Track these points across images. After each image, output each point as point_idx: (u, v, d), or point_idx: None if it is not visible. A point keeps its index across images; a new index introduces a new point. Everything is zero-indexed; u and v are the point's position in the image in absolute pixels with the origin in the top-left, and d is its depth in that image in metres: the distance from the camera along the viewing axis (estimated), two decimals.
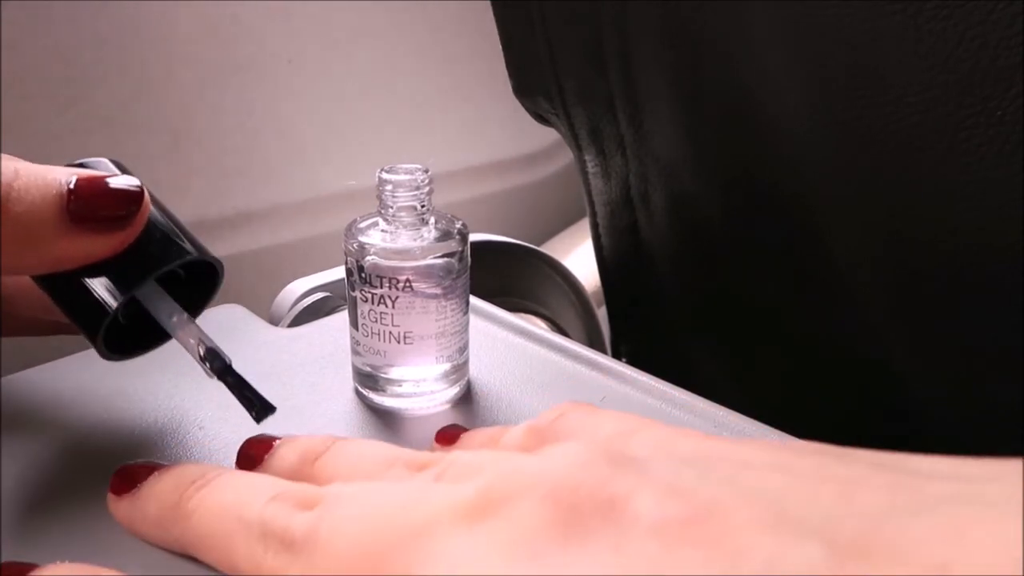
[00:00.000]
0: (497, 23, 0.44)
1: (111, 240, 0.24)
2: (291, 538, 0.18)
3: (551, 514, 0.15)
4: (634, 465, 0.16)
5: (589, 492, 0.16)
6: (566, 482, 0.16)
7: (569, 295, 0.54)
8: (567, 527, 0.15)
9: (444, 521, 0.17)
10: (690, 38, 0.34)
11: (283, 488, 0.20)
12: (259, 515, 0.19)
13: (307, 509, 0.19)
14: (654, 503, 0.15)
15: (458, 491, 0.17)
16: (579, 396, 0.31)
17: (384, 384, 0.30)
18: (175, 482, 0.22)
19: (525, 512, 0.16)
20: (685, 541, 0.14)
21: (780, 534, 0.13)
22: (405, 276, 0.28)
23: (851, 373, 0.36)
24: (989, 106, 0.25)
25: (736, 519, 0.14)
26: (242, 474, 0.23)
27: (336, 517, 0.18)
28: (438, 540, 0.16)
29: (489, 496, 0.17)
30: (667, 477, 0.16)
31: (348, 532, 0.18)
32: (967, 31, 0.25)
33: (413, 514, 0.17)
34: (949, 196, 0.28)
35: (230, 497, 0.21)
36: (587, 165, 0.44)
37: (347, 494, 0.19)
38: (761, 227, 0.37)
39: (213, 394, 0.30)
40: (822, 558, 0.12)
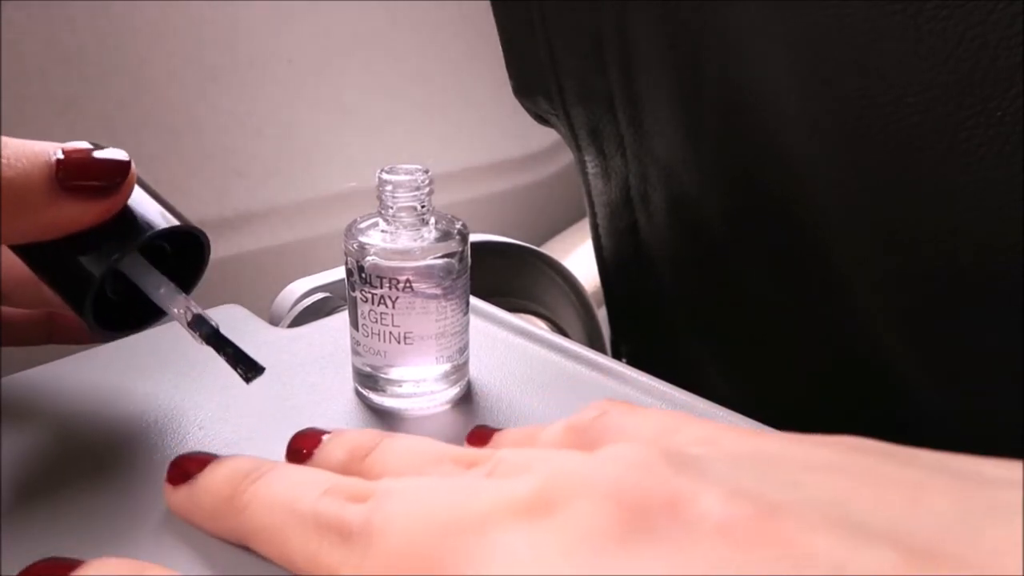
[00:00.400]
0: (497, 23, 0.44)
1: (98, 207, 0.25)
2: (347, 530, 0.18)
3: (613, 514, 0.15)
4: (694, 466, 0.16)
5: (651, 492, 0.15)
6: (627, 482, 0.16)
7: (569, 295, 0.54)
8: (630, 527, 0.15)
9: (500, 517, 0.16)
10: (690, 38, 0.34)
11: (336, 482, 0.20)
12: (312, 508, 0.19)
13: (360, 502, 0.19)
14: (719, 503, 0.14)
15: (513, 487, 0.17)
16: (579, 396, 0.31)
17: (384, 384, 0.30)
18: (229, 474, 0.22)
19: (586, 511, 0.15)
20: (753, 541, 0.14)
21: (849, 537, 0.13)
22: (405, 276, 0.28)
23: (851, 373, 0.36)
24: (989, 106, 0.25)
25: (803, 520, 0.14)
26: (294, 468, 0.23)
27: (390, 510, 0.18)
28: (496, 536, 0.16)
29: (547, 494, 0.16)
30: (729, 478, 0.15)
31: (403, 525, 0.17)
32: (967, 31, 0.25)
33: (468, 509, 0.17)
34: (949, 196, 0.28)
35: (283, 490, 0.21)
36: (587, 165, 0.44)
37: (399, 488, 0.19)
38: (761, 227, 0.37)
39: (213, 394, 0.30)
40: (892, 563, 0.12)
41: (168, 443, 0.28)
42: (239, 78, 0.61)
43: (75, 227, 0.25)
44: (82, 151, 0.25)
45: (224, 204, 0.62)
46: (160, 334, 0.34)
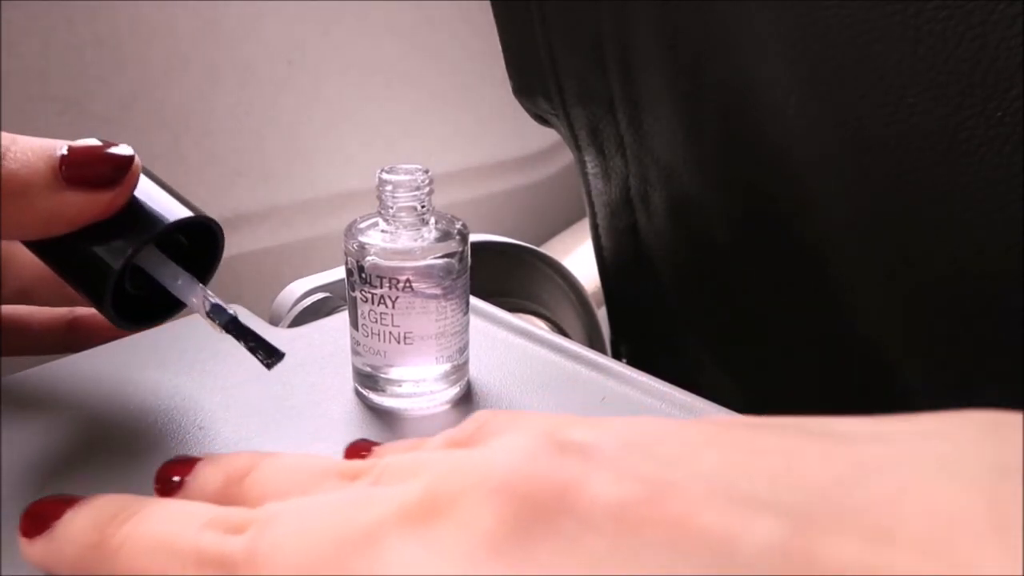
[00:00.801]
0: (497, 23, 0.44)
1: (103, 199, 0.25)
2: (231, 563, 0.17)
3: (504, 509, 0.15)
4: (580, 449, 0.16)
5: (540, 481, 0.15)
6: (515, 473, 0.15)
7: (569, 295, 0.54)
8: (523, 521, 0.15)
9: (390, 526, 0.16)
10: (690, 38, 0.34)
11: (215, 514, 0.19)
12: (193, 544, 0.18)
13: (241, 532, 0.18)
14: (609, 487, 0.15)
15: (401, 493, 0.16)
16: (579, 396, 0.31)
17: (384, 384, 0.30)
18: (94, 518, 0.20)
19: (477, 510, 0.15)
20: (647, 523, 0.14)
21: (735, 511, 0.13)
22: (405, 276, 0.28)
23: (851, 373, 0.36)
24: (989, 106, 0.25)
25: (691, 498, 0.14)
26: (167, 502, 0.21)
27: (274, 536, 0.17)
28: (388, 547, 0.16)
29: (435, 496, 0.16)
30: (615, 460, 0.15)
31: (289, 550, 0.17)
32: (967, 31, 0.25)
33: (356, 521, 0.16)
34: (949, 196, 0.28)
35: (158, 529, 0.19)
36: (587, 166, 0.44)
37: (281, 511, 0.18)
38: (761, 227, 0.37)
39: (213, 394, 0.30)
40: (778, 530, 0.13)
41: (168, 443, 0.28)
42: (239, 78, 0.61)
43: (81, 219, 0.25)
44: (87, 145, 0.26)
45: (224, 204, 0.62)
46: (160, 334, 0.34)
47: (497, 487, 0.15)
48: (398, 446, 0.24)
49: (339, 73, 0.66)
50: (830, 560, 0.12)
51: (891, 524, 0.12)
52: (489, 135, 0.78)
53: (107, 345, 0.34)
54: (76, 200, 0.25)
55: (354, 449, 0.24)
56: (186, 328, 0.35)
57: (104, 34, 0.54)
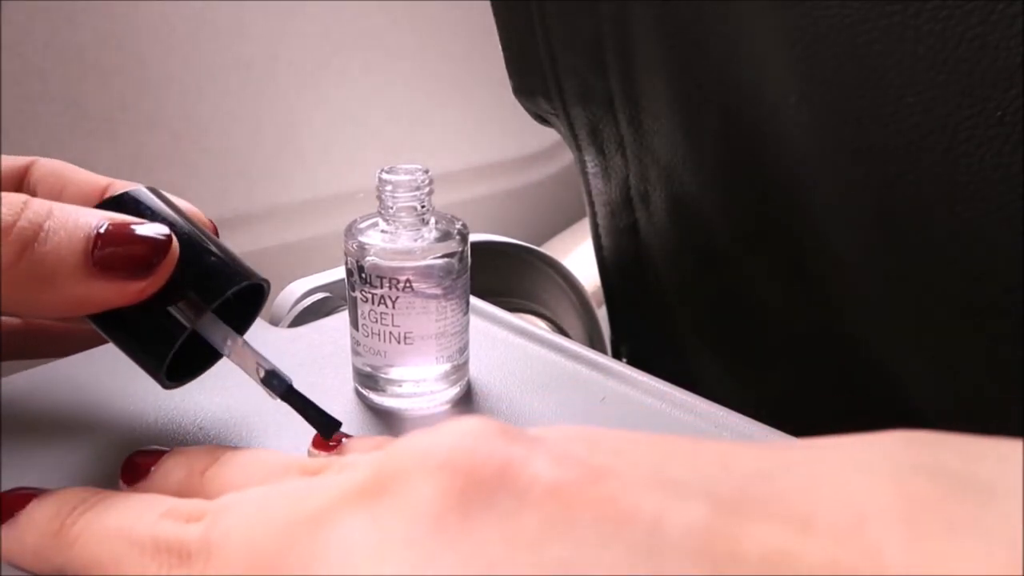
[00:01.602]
0: (497, 23, 0.44)
1: (133, 288, 0.23)
2: (186, 550, 0.18)
3: (447, 484, 0.15)
4: (526, 437, 0.16)
5: (484, 459, 0.16)
6: (458, 451, 0.16)
7: (569, 295, 0.54)
8: (465, 497, 0.15)
9: (338, 507, 0.16)
10: (690, 38, 0.34)
11: (172, 505, 0.20)
12: (150, 533, 0.19)
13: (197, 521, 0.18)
14: (548, 466, 0.15)
15: (349, 477, 0.17)
16: (579, 396, 0.31)
17: (384, 384, 0.30)
18: (55, 508, 0.21)
19: (420, 485, 0.16)
20: (580, 501, 0.15)
21: (666, 495, 0.14)
22: (405, 276, 0.28)
23: (851, 373, 0.36)
24: (989, 106, 0.25)
25: (626, 481, 0.15)
26: (127, 494, 0.21)
27: (227, 523, 0.18)
28: (334, 527, 0.16)
29: (381, 475, 0.16)
30: (558, 447, 0.16)
31: (240, 535, 0.17)
32: (967, 31, 0.25)
33: (305, 505, 0.17)
34: (949, 196, 0.28)
35: (116, 519, 0.20)
36: (587, 165, 0.44)
37: (236, 500, 0.18)
38: (761, 227, 0.37)
39: (213, 394, 0.30)
40: (704, 513, 0.14)
41: (168, 443, 0.28)
42: (239, 78, 0.61)
43: (106, 307, 0.24)
44: (123, 227, 0.23)
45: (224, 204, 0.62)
46: None
47: (440, 464, 0.16)
48: (364, 443, 0.24)
49: (339, 73, 0.66)
50: (751, 543, 0.13)
51: (808, 511, 0.13)
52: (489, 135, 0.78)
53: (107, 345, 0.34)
54: (104, 289, 0.23)
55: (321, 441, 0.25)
56: None
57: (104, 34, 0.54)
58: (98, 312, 0.24)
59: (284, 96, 0.64)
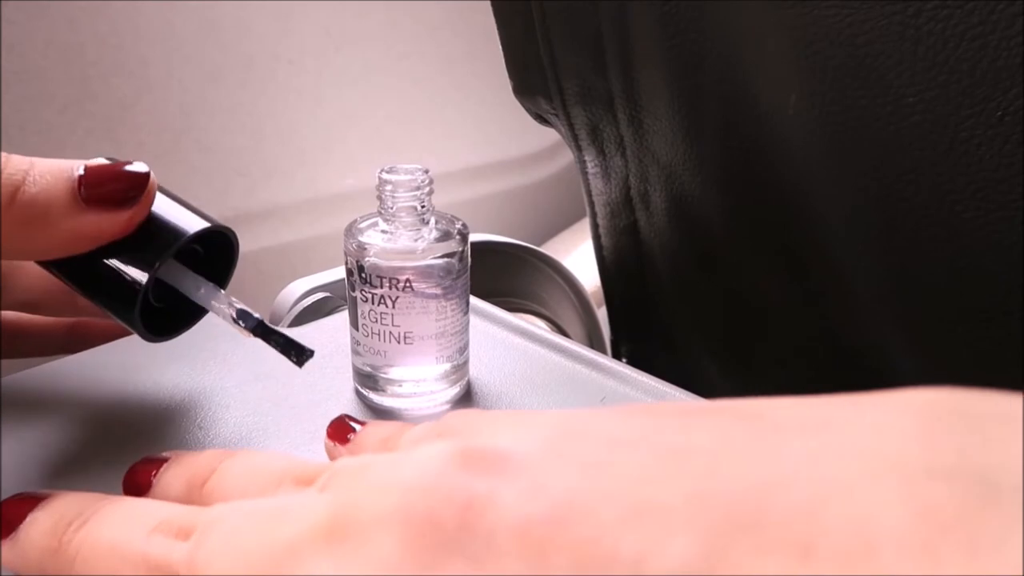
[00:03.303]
0: (497, 23, 0.44)
1: (121, 217, 0.25)
2: (172, 570, 0.18)
3: (405, 532, 0.15)
4: (491, 461, 0.15)
5: (443, 501, 0.15)
6: (416, 492, 0.15)
7: (569, 295, 0.54)
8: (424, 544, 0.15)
9: (306, 543, 0.16)
10: (690, 38, 0.34)
11: (163, 516, 0.20)
12: (141, 551, 0.19)
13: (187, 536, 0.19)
14: (515, 504, 0.14)
15: (313, 510, 0.17)
16: (579, 396, 0.31)
17: (384, 384, 0.30)
18: (53, 523, 0.21)
19: (379, 534, 0.15)
20: (553, 546, 0.13)
21: (647, 528, 0.13)
22: (405, 276, 0.28)
23: (851, 373, 0.36)
24: (989, 106, 0.25)
25: (600, 516, 0.13)
26: (121, 505, 0.21)
27: (209, 548, 0.18)
28: (304, 564, 0.16)
29: (342, 517, 0.16)
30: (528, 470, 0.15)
31: (223, 561, 0.17)
32: (967, 31, 0.25)
33: (276, 536, 0.17)
34: (949, 196, 0.28)
35: (110, 534, 0.20)
36: (587, 165, 0.44)
37: (219, 519, 0.19)
38: (761, 227, 0.37)
39: (213, 394, 0.31)
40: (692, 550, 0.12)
41: (168, 443, 0.28)
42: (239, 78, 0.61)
43: (101, 239, 0.26)
44: (103, 165, 0.26)
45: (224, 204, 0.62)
46: None
47: (397, 509, 0.15)
48: (379, 431, 0.24)
49: (339, 73, 0.66)
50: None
51: (810, 536, 0.12)
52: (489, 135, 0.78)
53: (107, 345, 0.34)
54: (96, 220, 0.25)
55: (338, 428, 0.25)
56: None
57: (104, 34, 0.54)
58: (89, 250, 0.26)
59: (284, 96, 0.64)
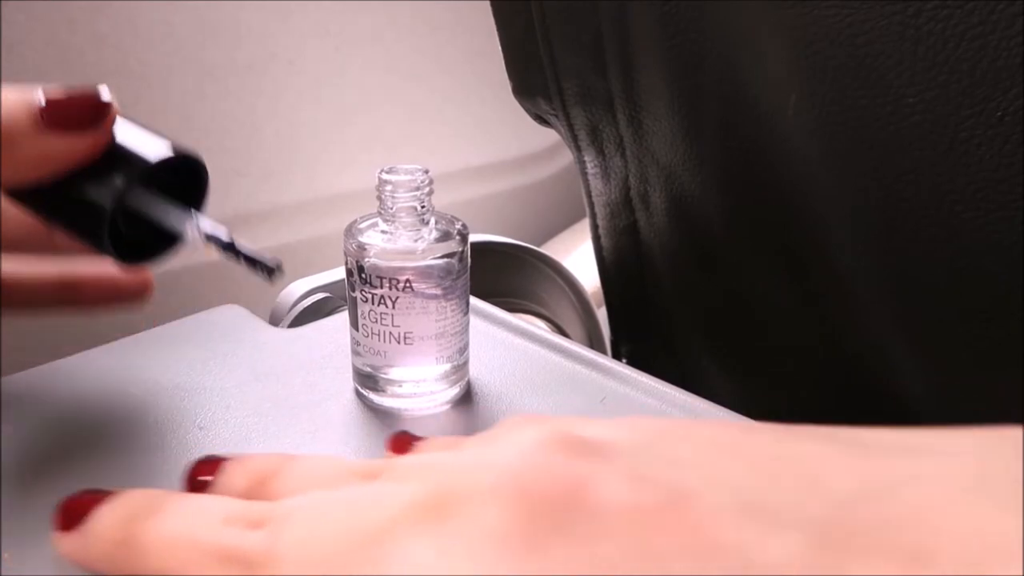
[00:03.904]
0: (497, 23, 0.44)
1: (84, 140, 0.26)
2: (250, 561, 0.18)
3: (512, 507, 0.15)
4: (592, 448, 0.15)
5: (549, 479, 0.15)
6: (523, 471, 0.15)
7: (569, 295, 0.54)
8: (531, 519, 0.14)
9: (401, 524, 0.16)
10: (690, 38, 0.34)
11: (234, 509, 0.19)
12: (214, 540, 0.19)
13: (260, 528, 0.18)
14: (624, 489, 0.14)
15: (411, 491, 0.16)
16: (579, 396, 0.31)
17: (384, 384, 0.30)
18: (121, 515, 0.21)
19: (484, 509, 0.15)
20: (659, 529, 0.13)
21: (755, 523, 0.13)
22: (405, 276, 0.28)
23: (851, 373, 0.36)
24: (989, 106, 0.25)
25: (707, 506, 0.13)
26: (190, 498, 0.21)
27: (290, 535, 0.17)
28: (398, 545, 0.16)
29: (444, 494, 0.16)
30: (628, 459, 0.15)
31: (306, 546, 0.17)
32: (967, 31, 0.25)
33: (368, 518, 0.16)
34: (949, 196, 0.28)
35: (180, 525, 0.19)
36: (587, 166, 0.44)
37: (297, 508, 0.18)
38: (761, 227, 0.37)
39: (213, 395, 0.30)
40: (801, 547, 0.12)
41: (168, 443, 0.28)
42: (239, 78, 0.61)
43: (67, 162, 0.26)
44: (65, 89, 0.26)
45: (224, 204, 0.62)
46: (159, 335, 0.34)
47: (504, 485, 0.15)
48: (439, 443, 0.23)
49: (339, 73, 0.66)
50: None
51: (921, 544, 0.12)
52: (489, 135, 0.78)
53: (107, 345, 0.34)
54: (59, 143, 0.25)
55: (398, 441, 0.24)
56: (186, 328, 0.35)
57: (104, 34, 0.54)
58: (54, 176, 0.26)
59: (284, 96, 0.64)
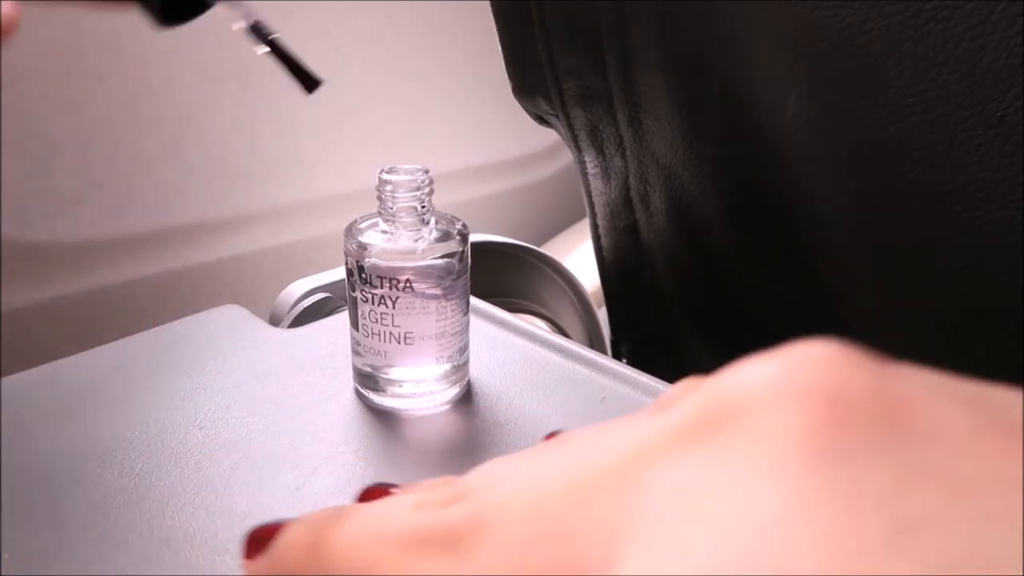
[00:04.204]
0: (497, 23, 0.44)
1: None
2: (452, 533, 0.16)
3: (818, 414, 0.12)
4: (895, 374, 0.13)
5: (863, 390, 0.12)
6: (826, 380, 0.13)
7: (569, 295, 0.54)
8: (847, 429, 0.12)
9: (658, 450, 0.13)
10: (690, 38, 0.34)
11: (423, 497, 0.18)
12: (407, 526, 0.17)
13: (457, 502, 0.17)
14: (957, 411, 0.12)
15: (670, 417, 0.14)
16: (579, 396, 0.31)
17: (384, 384, 0.30)
18: (307, 527, 0.20)
19: (777, 416, 0.12)
20: (995, 445, 0.11)
21: None
22: (405, 276, 0.28)
23: None
24: (989, 106, 0.25)
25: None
26: (374, 503, 0.20)
27: (497, 494, 0.15)
28: (650, 472, 0.13)
29: (711, 413, 0.13)
30: (938, 385, 0.13)
31: (519, 499, 0.15)
32: (967, 31, 0.25)
33: (614, 453, 0.14)
34: (949, 196, 0.28)
35: (370, 522, 0.19)
36: (587, 166, 0.44)
37: (503, 475, 0.16)
38: (760, 227, 0.37)
39: (213, 395, 0.30)
40: None
41: (168, 443, 0.28)
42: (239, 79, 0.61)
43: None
44: None
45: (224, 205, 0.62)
46: (159, 334, 0.34)
47: (802, 393, 0.13)
48: None
49: (339, 73, 0.66)
50: None
51: None
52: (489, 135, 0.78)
53: (107, 345, 0.34)
54: None
55: None
56: (186, 328, 0.35)
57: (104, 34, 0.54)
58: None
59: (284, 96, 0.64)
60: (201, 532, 0.24)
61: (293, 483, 0.26)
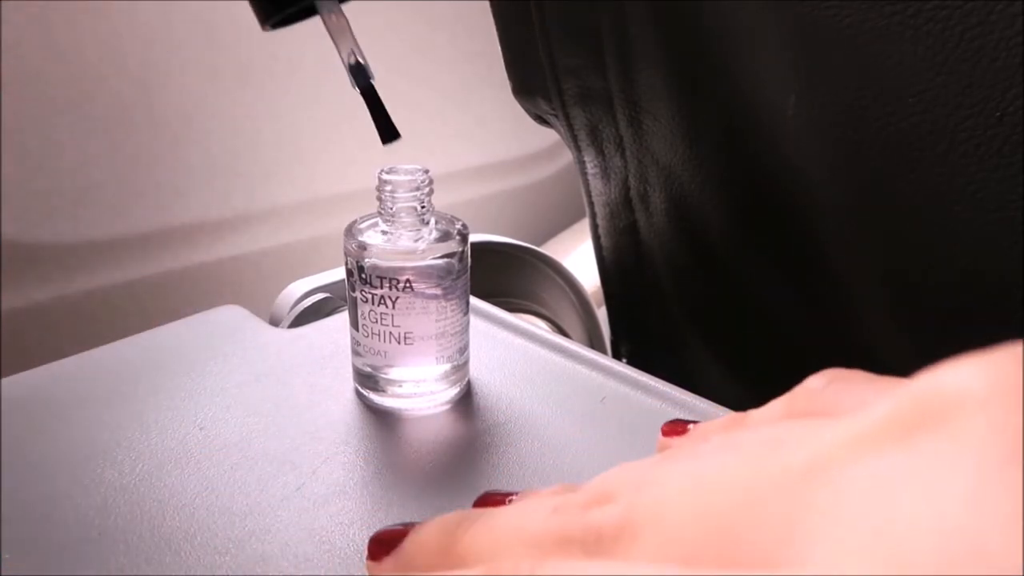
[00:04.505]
0: (497, 23, 0.44)
1: None
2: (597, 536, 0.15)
3: (997, 417, 0.12)
4: None
5: None
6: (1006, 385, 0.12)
7: (569, 295, 0.54)
8: None
9: (846, 454, 0.13)
10: (690, 38, 0.34)
11: (562, 501, 0.18)
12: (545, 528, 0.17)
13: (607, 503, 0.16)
14: None
15: (868, 417, 0.13)
16: (579, 396, 0.31)
17: (384, 384, 0.30)
18: (438, 529, 0.20)
19: (986, 417, 0.12)
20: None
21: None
22: (405, 276, 0.28)
23: None
24: (989, 106, 0.25)
25: None
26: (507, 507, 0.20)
27: (653, 495, 0.15)
28: (856, 466, 0.13)
29: (925, 410, 0.13)
30: None
31: (680, 504, 0.14)
32: (967, 31, 0.25)
33: (798, 452, 0.13)
34: (948, 196, 0.28)
35: (506, 525, 0.18)
36: (586, 166, 0.44)
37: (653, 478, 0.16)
38: (760, 227, 0.37)
39: (213, 395, 0.31)
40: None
41: (169, 443, 0.28)
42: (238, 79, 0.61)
43: None
44: None
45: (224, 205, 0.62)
46: (159, 335, 0.34)
47: (1012, 392, 0.12)
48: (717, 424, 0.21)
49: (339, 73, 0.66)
50: None
51: None
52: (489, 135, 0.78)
53: (107, 345, 0.34)
54: None
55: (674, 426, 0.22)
56: (186, 328, 0.35)
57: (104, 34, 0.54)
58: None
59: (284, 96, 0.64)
60: (201, 532, 0.24)
61: (293, 483, 0.26)
